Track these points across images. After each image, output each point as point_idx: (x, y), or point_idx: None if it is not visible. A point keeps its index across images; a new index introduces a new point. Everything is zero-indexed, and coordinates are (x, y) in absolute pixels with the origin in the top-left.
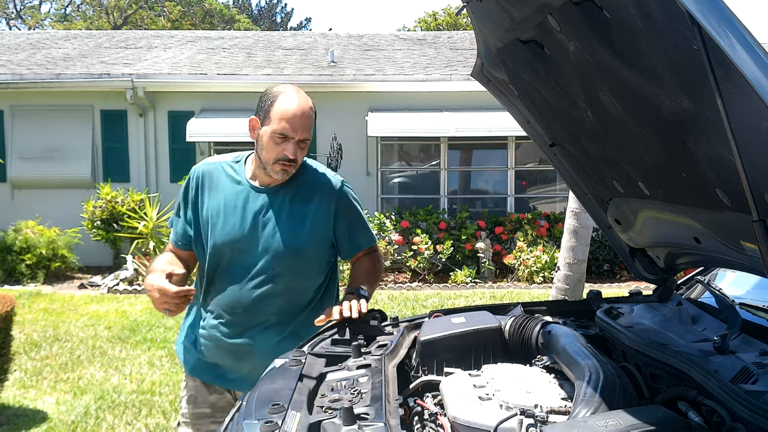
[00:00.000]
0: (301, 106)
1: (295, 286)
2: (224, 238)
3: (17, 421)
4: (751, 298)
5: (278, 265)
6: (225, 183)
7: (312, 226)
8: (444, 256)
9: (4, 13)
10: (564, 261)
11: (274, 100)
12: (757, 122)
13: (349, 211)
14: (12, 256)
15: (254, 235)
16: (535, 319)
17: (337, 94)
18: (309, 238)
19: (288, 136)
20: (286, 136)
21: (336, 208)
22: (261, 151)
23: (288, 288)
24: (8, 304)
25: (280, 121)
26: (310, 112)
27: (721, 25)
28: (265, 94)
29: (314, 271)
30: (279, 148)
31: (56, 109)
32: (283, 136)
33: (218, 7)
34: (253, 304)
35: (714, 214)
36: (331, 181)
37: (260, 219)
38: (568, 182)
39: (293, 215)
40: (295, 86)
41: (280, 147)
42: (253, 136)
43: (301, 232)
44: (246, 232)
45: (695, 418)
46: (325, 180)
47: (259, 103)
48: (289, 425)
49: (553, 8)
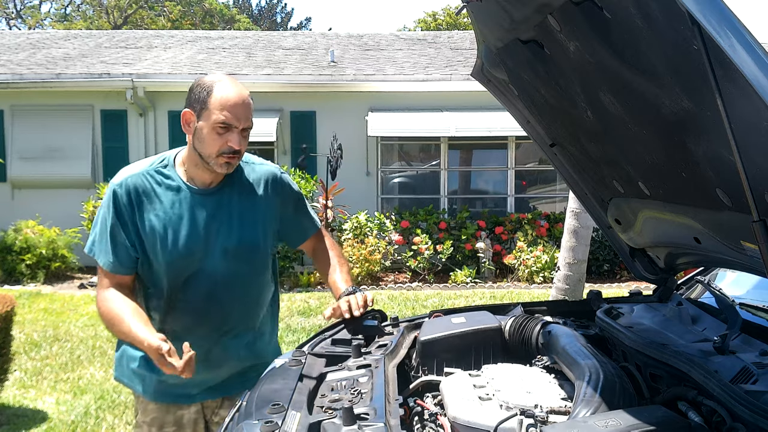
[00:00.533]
0: (240, 94)
1: (257, 283)
2: (181, 251)
3: (17, 421)
4: (751, 298)
5: (241, 264)
6: (160, 192)
7: (264, 218)
8: (444, 256)
9: (4, 12)
10: (564, 261)
11: (211, 90)
12: (757, 122)
13: (293, 197)
14: (12, 256)
15: (211, 240)
16: (535, 319)
17: (337, 94)
18: (263, 232)
19: (231, 126)
20: (229, 125)
21: (281, 196)
22: (200, 145)
23: (252, 286)
24: (8, 304)
25: (222, 111)
26: (249, 100)
27: (721, 25)
28: (197, 85)
29: (267, 264)
30: (222, 139)
31: (56, 109)
32: (226, 126)
33: (218, 7)
34: (225, 310)
35: (714, 214)
36: (271, 170)
37: (212, 223)
38: (568, 182)
39: (244, 211)
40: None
41: (222, 138)
42: (188, 131)
43: (256, 226)
44: (202, 239)
45: (695, 418)
46: (265, 170)
47: (192, 94)
48: (289, 425)
49: (553, 8)
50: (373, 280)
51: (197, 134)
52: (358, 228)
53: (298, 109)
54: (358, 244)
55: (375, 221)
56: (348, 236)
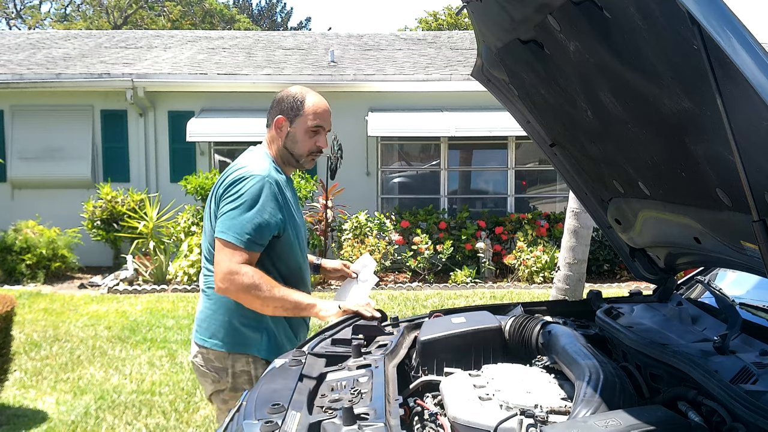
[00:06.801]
0: (326, 103)
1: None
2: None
3: (17, 421)
4: (751, 298)
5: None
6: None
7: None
8: (444, 256)
9: (4, 13)
10: (564, 261)
11: (303, 100)
12: (757, 122)
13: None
14: (12, 256)
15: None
16: (535, 319)
17: (337, 94)
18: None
19: (322, 128)
20: (321, 127)
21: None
22: (293, 146)
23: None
24: (8, 304)
25: (315, 116)
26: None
27: (721, 25)
28: (289, 96)
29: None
30: (313, 140)
31: (56, 109)
32: (317, 128)
33: (218, 7)
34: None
35: (714, 214)
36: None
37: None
38: (568, 182)
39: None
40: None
41: (313, 140)
42: (280, 135)
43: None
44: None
45: (695, 418)
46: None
47: (284, 104)
48: (289, 425)
49: (553, 8)
50: None
51: (290, 137)
52: (358, 228)
53: None
54: (358, 244)
55: (375, 221)
56: (348, 236)
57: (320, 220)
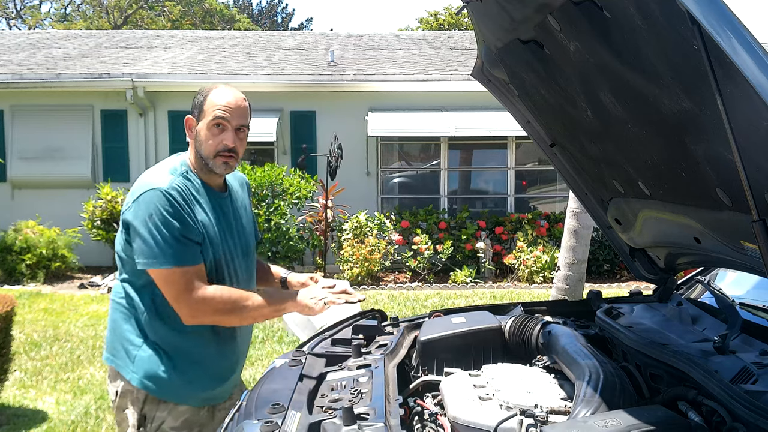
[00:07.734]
0: (234, 96)
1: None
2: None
3: (17, 421)
4: (751, 298)
5: (249, 263)
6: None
7: (252, 219)
8: (444, 256)
9: (4, 12)
10: (564, 261)
11: (207, 95)
12: (757, 122)
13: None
14: (12, 256)
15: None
16: (535, 319)
17: (337, 94)
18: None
19: (225, 119)
20: (223, 119)
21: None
22: (201, 147)
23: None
24: (8, 304)
25: (214, 110)
26: (244, 102)
27: (721, 25)
28: (197, 93)
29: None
30: (217, 138)
31: (56, 109)
32: (219, 124)
33: (218, 7)
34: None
35: (714, 214)
36: (242, 174)
37: (233, 224)
38: (568, 182)
39: (245, 213)
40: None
41: (219, 138)
42: (191, 135)
43: (252, 227)
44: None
45: (695, 418)
46: (240, 175)
47: (193, 102)
48: (289, 425)
49: (553, 8)
50: (373, 280)
51: (198, 137)
52: (358, 228)
53: (298, 109)
54: (358, 244)
55: (375, 221)
56: (348, 236)
57: (320, 220)
